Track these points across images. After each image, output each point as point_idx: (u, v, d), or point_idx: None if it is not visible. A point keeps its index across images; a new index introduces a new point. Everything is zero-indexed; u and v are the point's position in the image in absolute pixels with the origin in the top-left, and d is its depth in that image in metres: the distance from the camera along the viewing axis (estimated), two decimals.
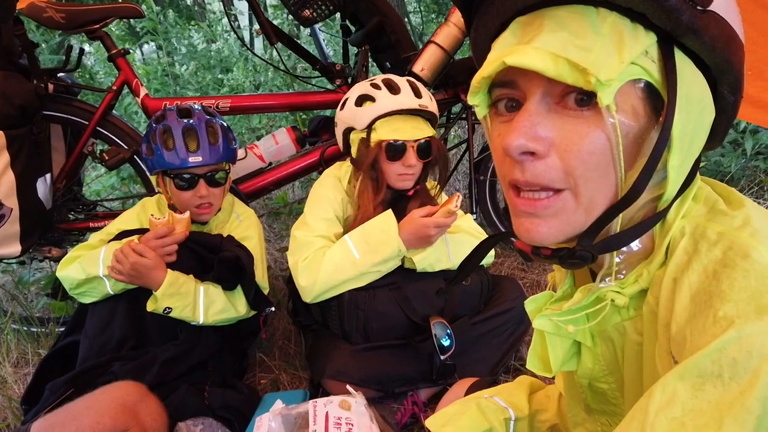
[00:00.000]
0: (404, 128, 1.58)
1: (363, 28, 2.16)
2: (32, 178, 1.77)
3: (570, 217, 0.57)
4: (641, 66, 0.52)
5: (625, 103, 0.53)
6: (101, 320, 1.52)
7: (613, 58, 0.51)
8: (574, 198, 0.56)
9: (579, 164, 0.54)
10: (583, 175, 0.54)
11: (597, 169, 0.54)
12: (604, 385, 0.72)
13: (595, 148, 0.53)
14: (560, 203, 0.56)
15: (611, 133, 0.53)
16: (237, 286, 1.61)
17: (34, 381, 1.50)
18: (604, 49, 0.51)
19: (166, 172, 1.60)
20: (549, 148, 0.55)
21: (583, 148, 0.53)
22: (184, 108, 1.64)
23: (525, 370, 1.67)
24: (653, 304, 0.58)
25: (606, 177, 0.55)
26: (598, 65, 0.50)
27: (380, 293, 1.56)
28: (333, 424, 1.16)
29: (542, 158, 0.55)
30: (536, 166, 0.55)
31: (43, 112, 1.85)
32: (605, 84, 0.50)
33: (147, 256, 1.42)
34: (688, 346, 0.49)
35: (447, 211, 1.48)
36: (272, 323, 2.03)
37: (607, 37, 0.52)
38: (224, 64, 4.94)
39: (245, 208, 1.83)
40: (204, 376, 1.54)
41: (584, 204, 0.56)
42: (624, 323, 0.64)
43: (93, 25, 1.91)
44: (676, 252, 0.56)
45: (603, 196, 0.56)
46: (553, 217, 0.57)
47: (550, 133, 0.55)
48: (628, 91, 0.53)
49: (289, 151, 2.21)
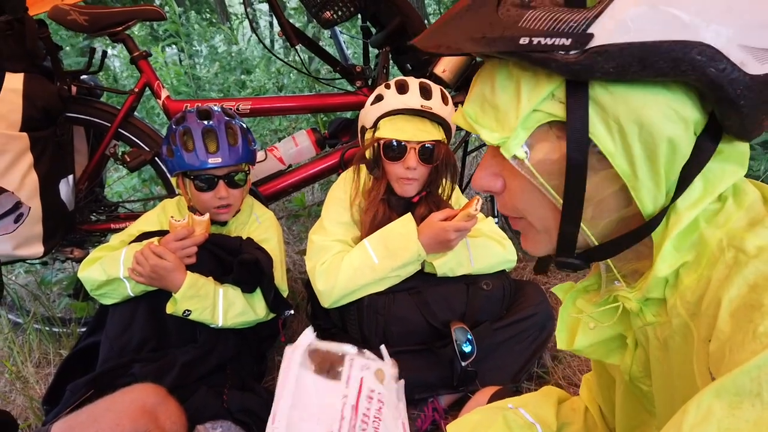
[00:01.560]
0: (406, 129, 1.55)
1: (384, 29, 2.14)
2: (55, 180, 1.78)
3: (536, 237, 0.66)
4: (544, 111, 0.56)
5: (542, 144, 0.58)
6: (122, 322, 1.53)
7: (512, 112, 0.57)
8: (530, 225, 0.65)
9: (518, 201, 0.63)
10: (525, 208, 0.63)
11: (533, 202, 0.62)
12: (645, 386, 0.71)
13: (524, 187, 0.61)
14: (525, 226, 0.66)
15: (529, 176, 0.59)
16: (256, 288, 1.60)
17: (55, 381, 1.51)
18: (506, 105, 0.58)
19: (185, 173, 1.60)
20: (503, 187, 0.64)
21: (517, 189, 0.62)
22: (203, 110, 1.64)
23: (548, 377, 1.64)
24: (685, 317, 0.57)
25: (546, 206, 0.61)
26: (491, 124, 0.59)
27: (400, 298, 1.54)
28: (365, 397, 1.11)
29: (499, 194, 0.65)
30: (499, 200, 0.67)
31: (66, 114, 1.87)
32: (502, 141, 0.58)
33: (167, 258, 1.42)
34: (725, 362, 0.48)
35: (467, 215, 1.45)
36: (291, 326, 2.02)
37: (510, 92, 0.58)
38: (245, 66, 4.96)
39: (264, 210, 1.83)
40: (223, 378, 1.53)
41: (540, 229, 0.64)
42: (646, 328, 0.64)
43: (116, 28, 1.92)
44: (717, 266, 0.54)
45: (553, 222, 0.62)
46: (526, 236, 0.68)
47: (502, 174, 0.64)
48: (544, 132, 0.57)
49: (308, 153, 2.20)
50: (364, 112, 1.66)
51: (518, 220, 0.66)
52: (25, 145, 1.65)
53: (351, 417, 1.08)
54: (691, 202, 0.56)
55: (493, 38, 0.53)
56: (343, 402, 1.08)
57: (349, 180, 1.71)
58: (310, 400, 1.09)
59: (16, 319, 2.11)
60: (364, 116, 1.67)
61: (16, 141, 1.63)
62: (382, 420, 1.11)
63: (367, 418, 1.09)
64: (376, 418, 1.11)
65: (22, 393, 1.68)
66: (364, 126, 1.66)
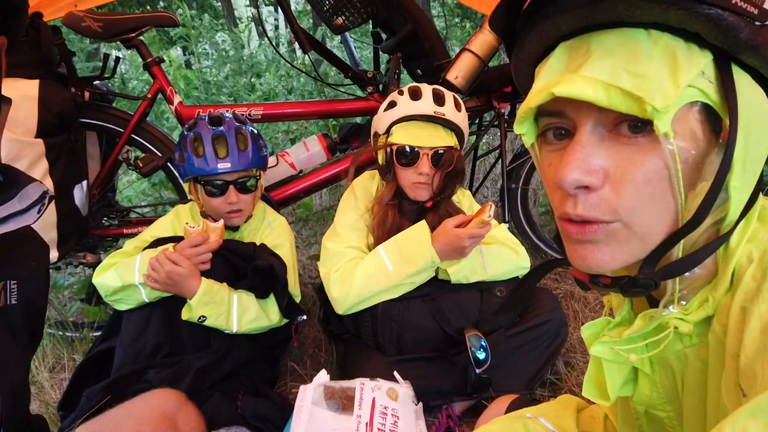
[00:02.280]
0: (419, 134, 1.56)
1: (395, 35, 2.15)
2: (70, 186, 1.79)
3: (623, 244, 0.54)
4: (698, 88, 0.50)
5: (682, 128, 0.51)
6: (136, 327, 1.53)
7: (668, 83, 0.49)
8: (625, 228, 0.54)
9: (634, 194, 0.52)
10: (636, 206, 0.52)
11: (653, 197, 0.52)
12: (662, 413, 0.69)
13: (652, 177, 0.51)
14: (611, 231, 0.54)
15: (669, 160, 0.51)
16: (270, 294, 1.61)
17: (70, 387, 1.52)
18: (657, 74, 0.49)
19: (197, 178, 1.61)
20: (603, 179, 0.53)
21: (639, 177, 0.51)
22: (215, 116, 1.65)
23: (561, 384, 1.64)
24: (720, 333, 0.55)
25: (664, 204, 0.53)
26: (652, 92, 0.48)
27: (414, 304, 1.54)
28: (379, 413, 1.12)
29: (596, 191, 0.53)
30: (588, 199, 0.54)
31: (80, 119, 1.88)
32: (661, 111, 0.48)
33: (182, 265, 1.43)
34: (759, 381, 0.47)
35: (480, 222, 1.45)
36: (303, 331, 2.02)
37: (660, 61, 0.50)
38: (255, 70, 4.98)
39: (276, 215, 1.83)
40: (236, 384, 1.53)
41: (639, 233, 0.54)
42: (686, 350, 0.61)
43: (129, 34, 1.93)
44: (744, 279, 0.53)
45: (661, 224, 0.53)
46: (606, 244, 0.55)
47: (605, 164, 0.53)
48: (685, 114, 0.51)
49: (320, 159, 2.21)
50: (377, 118, 1.67)
51: (604, 225, 0.54)
52: (40, 152, 1.66)
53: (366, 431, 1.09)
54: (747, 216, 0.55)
55: None
56: (357, 422, 1.10)
57: (362, 186, 1.71)
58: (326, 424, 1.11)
59: None
60: (377, 122, 1.68)
61: (32, 147, 1.64)
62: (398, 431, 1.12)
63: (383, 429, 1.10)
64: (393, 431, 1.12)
65: (38, 398, 1.69)
66: (377, 132, 1.67)
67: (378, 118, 1.67)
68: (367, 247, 1.63)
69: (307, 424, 1.11)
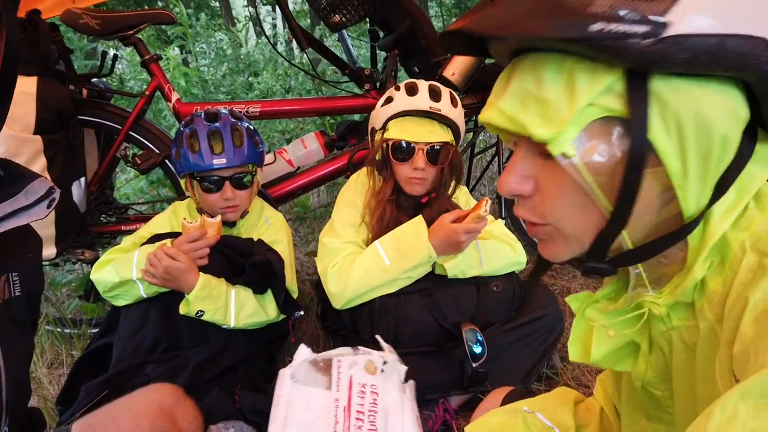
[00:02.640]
0: (414, 130, 1.57)
1: (392, 32, 2.16)
2: (68, 182, 1.80)
3: (560, 242, 0.63)
4: (600, 105, 0.53)
5: (593, 142, 0.54)
6: (134, 323, 1.54)
7: (564, 106, 0.53)
8: (557, 231, 0.61)
9: (554, 206, 0.59)
10: (560, 215, 0.60)
11: (573, 206, 0.58)
12: (657, 391, 0.71)
13: (566, 190, 0.58)
14: (550, 231, 0.62)
15: (575, 174, 0.55)
16: (267, 289, 1.61)
17: (68, 382, 1.52)
18: (556, 99, 0.54)
19: (193, 174, 1.62)
20: (534, 189, 0.61)
21: (556, 190, 0.58)
22: (211, 112, 1.66)
23: (557, 378, 1.65)
24: (713, 321, 0.57)
25: (587, 210, 0.58)
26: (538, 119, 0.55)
27: (411, 299, 1.55)
28: (357, 393, 1.10)
29: (528, 198, 0.61)
30: (525, 204, 0.62)
31: (78, 116, 1.89)
32: (552, 137, 0.54)
33: (180, 260, 1.44)
34: (751, 365, 0.47)
35: (477, 217, 1.46)
36: (300, 327, 2.03)
37: (561, 85, 0.54)
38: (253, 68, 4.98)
39: (274, 212, 1.84)
40: (234, 379, 1.54)
41: (570, 234, 0.61)
42: (670, 332, 0.63)
43: (127, 31, 1.94)
44: (741, 269, 0.54)
45: (589, 227, 0.59)
46: (548, 242, 0.64)
47: (536, 176, 0.60)
48: (597, 128, 0.54)
49: (317, 156, 2.21)
50: (375, 114, 1.68)
51: (541, 226, 0.62)
52: (38, 148, 1.67)
53: (344, 418, 1.08)
54: (727, 206, 0.55)
55: (560, 24, 0.50)
56: (335, 406, 1.09)
57: (359, 182, 1.72)
58: (303, 415, 1.10)
59: None
60: (374, 118, 1.69)
61: (30, 144, 1.65)
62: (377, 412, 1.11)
63: (361, 414, 1.09)
64: (371, 411, 1.11)
65: (36, 394, 1.69)
66: (374, 128, 1.68)
67: (375, 113, 1.68)
68: (364, 242, 1.64)
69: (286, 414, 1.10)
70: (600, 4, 0.49)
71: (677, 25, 0.48)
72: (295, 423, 1.09)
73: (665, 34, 0.48)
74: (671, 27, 0.48)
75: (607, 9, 0.49)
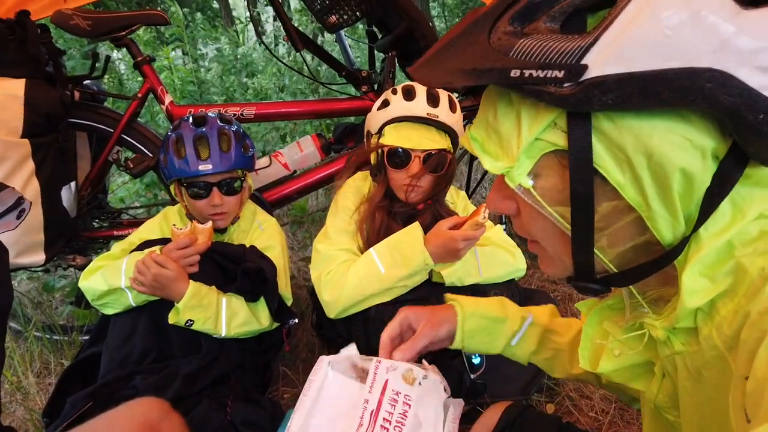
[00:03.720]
0: (411, 136, 1.52)
1: (390, 33, 2.11)
2: (57, 187, 1.76)
3: (551, 262, 0.64)
4: (546, 140, 0.53)
5: (548, 172, 0.56)
6: (123, 332, 1.50)
7: (513, 141, 0.55)
8: (543, 250, 0.64)
9: (531, 228, 0.62)
10: (537, 234, 0.62)
11: (544, 231, 0.60)
12: (670, 416, 0.67)
13: (534, 215, 0.60)
14: (541, 249, 0.65)
15: (536, 204, 0.58)
16: (260, 297, 1.57)
17: (55, 393, 1.48)
18: (507, 133, 0.56)
19: (180, 180, 1.58)
20: (517, 210, 0.62)
21: (528, 214, 0.61)
22: (199, 116, 1.62)
23: (558, 389, 1.60)
24: (722, 349, 0.53)
25: (556, 234, 0.59)
26: (496, 151, 0.58)
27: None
28: (389, 399, 1.06)
29: (516, 217, 0.64)
30: (514, 221, 0.65)
31: (69, 119, 1.85)
32: (506, 170, 0.56)
33: (169, 267, 1.40)
34: (764, 411, 0.43)
35: (475, 223, 1.41)
36: (296, 335, 1.99)
37: (511, 120, 0.55)
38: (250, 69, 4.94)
39: (267, 216, 1.80)
40: (226, 389, 1.50)
41: (552, 255, 0.63)
42: (674, 357, 0.60)
43: (119, 32, 1.90)
44: (759, 298, 0.49)
45: (564, 250, 0.60)
46: (543, 259, 0.66)
47: (514, 197, 0.61)
48: (549, 160, 0.55)
49: (314, 159, 2.17)
50: (371, 117, 1.64)
51: (534, 243, 0.65)
52: (26, 152, 1.63)
53: (369, 423, 1.04)
54: (718, 229, 0.52)
55: (483, 70, 0.51)
56: (363, 407, 1.04)
57: (354, 186, 1.68)
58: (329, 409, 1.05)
59: (16, 327, 2.08)
60: (370, 121, 1.64)
61: (17, 148, 1.61)
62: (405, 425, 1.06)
63: (387, 423, 1.04)
64: (399, 423, 1.06)
65: (22, 405, 1.66)
66: (370, 131, 1.64)
67: (371, 116, 1.63)
68: (359, 249, 1.60)
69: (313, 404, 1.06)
70: (521, 49, 0.49)
71: (595, 67, 0.46)
72: (319, 415, 1.05)
73: (586, 77, 0.46)
74: (591, 69, 0.46)
75: (523, 54, 0.49)
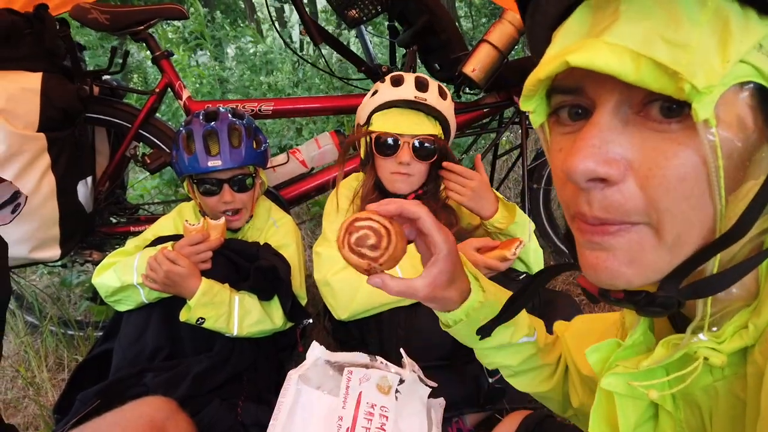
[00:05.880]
0: (399, 122, 1.46)
1: (411, 27, 2.07)
2: (73, 181, 1.75)
3: (648, 255, 0.45)
4: (752, 65, 0.39)
5: (728, 114, 0.40)
6: (135, 329, 1.48)
7: (715, 56, 0.39)
8: (654, 234, 0.44)
9: (665, 194, 0.42)
10: (669, 207, 0.42)
11: (688, 199, 0.42)
12: None
13: (687, 173, 0.41)
14: (635, 236, 0.44)
15: (709, 154, 0.40)
16: (273, 296, 1.54)
17: (67, 388, 1.47)
18: (702, 45, 0.39)
19: (191, 177, 1.55)
20: (625, 172, 0.43)
21: (671, 173, 0.41)
22: (210, 111, 1.60)
23: None
24: (762, 365, 0.45)
25: (699, 208, 0.42)
26: (693, 67, 0.38)
27: (422, 310, 1.45)
28: (364, 413, 1.01)
29: (615, 185, 0.43)
30: (607, 196, 0.44)
31: (87, 114, 1.84)
32: (703, 92, 0.38)
33: (180, 264, 1.37)
34: None
35: (502, 256, 1.35)
36: (310, 335, 1.95)
37: (708, 28, 0.39)
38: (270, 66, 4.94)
39: (282, 214, 1.77)
40: (238, 389, 1.47)
41: (669, 242, 0.44)
42: (716, 384, 0.50)
43: (137, 27, 1.89)
44: None
45: (694, 232, 0.44)
46: (626, 253, 0.45)
47: (627, 153, 0.43)
48: (733, 96, 0.40)
49: (332, 156, 2.13)
50: (360, 108, 1.58)
51: (627, 227, 0.45)
52: (42, 146, 1.62)
53: None
54: None
55: None
56: (338, 425, 1.01)
57: (346, 187, 1.62)
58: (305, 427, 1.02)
59: (33, 321, 2.09)
60: (359, 112, 1.59)
61: (33, 142, 1.60)
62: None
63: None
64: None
65: (33, 400, 1.65)
66: (359, 122, 1.58)
67: (360, 107, 1.58)
68: None
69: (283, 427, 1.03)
70: None
71: None
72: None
73: None
74: None
75: None
